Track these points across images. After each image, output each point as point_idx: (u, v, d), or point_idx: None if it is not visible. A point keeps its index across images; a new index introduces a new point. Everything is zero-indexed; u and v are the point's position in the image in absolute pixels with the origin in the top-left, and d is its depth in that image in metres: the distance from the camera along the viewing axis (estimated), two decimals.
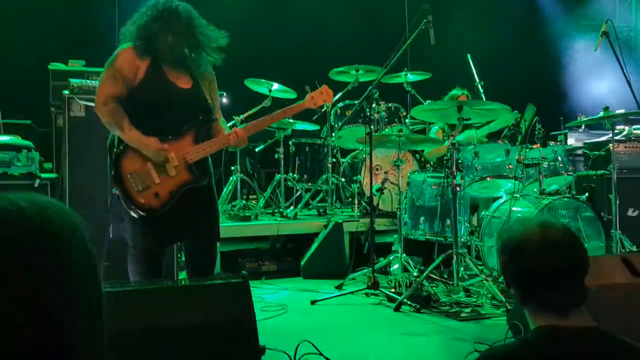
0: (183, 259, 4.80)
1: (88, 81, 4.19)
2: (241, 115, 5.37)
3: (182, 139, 2.86)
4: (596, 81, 7.84)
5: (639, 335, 2.13)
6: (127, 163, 2.80)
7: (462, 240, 4.24)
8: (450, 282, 4.10)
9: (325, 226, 5.10)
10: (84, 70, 4.91)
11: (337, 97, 5.71)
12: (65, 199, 4.00)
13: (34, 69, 5.50)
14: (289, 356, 2.40)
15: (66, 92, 4.06)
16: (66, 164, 4.02)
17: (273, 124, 3.87)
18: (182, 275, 4.49)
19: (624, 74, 4.44)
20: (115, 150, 2.84)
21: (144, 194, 2.78)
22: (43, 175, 4.13)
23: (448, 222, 4.26)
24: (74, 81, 4.14)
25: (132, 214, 2.79)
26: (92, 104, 3.95)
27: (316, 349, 2.46)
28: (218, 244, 3.25)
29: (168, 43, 2.82)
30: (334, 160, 5.65)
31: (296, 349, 2.41)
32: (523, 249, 1.39)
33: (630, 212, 5.25)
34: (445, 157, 4.22)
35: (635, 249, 4.58)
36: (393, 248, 4.92)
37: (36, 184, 4.03)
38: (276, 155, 5.67)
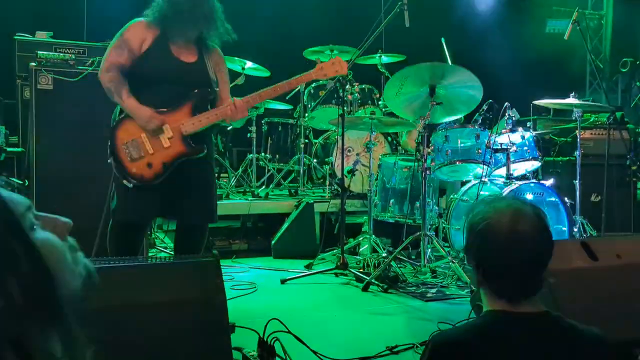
0: (153, 236, 4.79)
1: (56, 54, 4.08)
2: None
3: (179, 110, 2.86)
4: (566, 66, 7.98)
5: (597, 317, 2.24)
6: (121, 133, 2.84)
7: (430, 222, 4.32)
8: (418, 264, 4.19)
9: (296, 206, 5.12)
10: (52, 41, 4.77)
11: None
12: (32, 174, 3.92)
13: None
14: (258, 334, 2.42)
15: (34, 64, 3.95)
16: (33, 138, 3.93)
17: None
18: (152, 252, 4.49)
19: (592, 62, 4.53)
20: (112, 122, 2.88)
21: (137, 164, 2.81)
22: (9, 149, 4.04)
23: (417, 204, 4.33)
24: (42, 53, 4.03)
25: (125, 182, 2.81)
26: (60, 77, 3.90)
27: (285, 327, 2.49)
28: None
29: (189, 22, 2.83)
30: (306, 140, 5.65)
31: (265, 326, 2.44)
32: (488, 235, 1.34)
33: (593, 198, 5.39)
34: (416, 140, 4.26)
35: (595, 234, 4.74)
36: (363, 229, 4.99)
37: (1, 158, 3.94)
38: (248, 134, 5.65)
